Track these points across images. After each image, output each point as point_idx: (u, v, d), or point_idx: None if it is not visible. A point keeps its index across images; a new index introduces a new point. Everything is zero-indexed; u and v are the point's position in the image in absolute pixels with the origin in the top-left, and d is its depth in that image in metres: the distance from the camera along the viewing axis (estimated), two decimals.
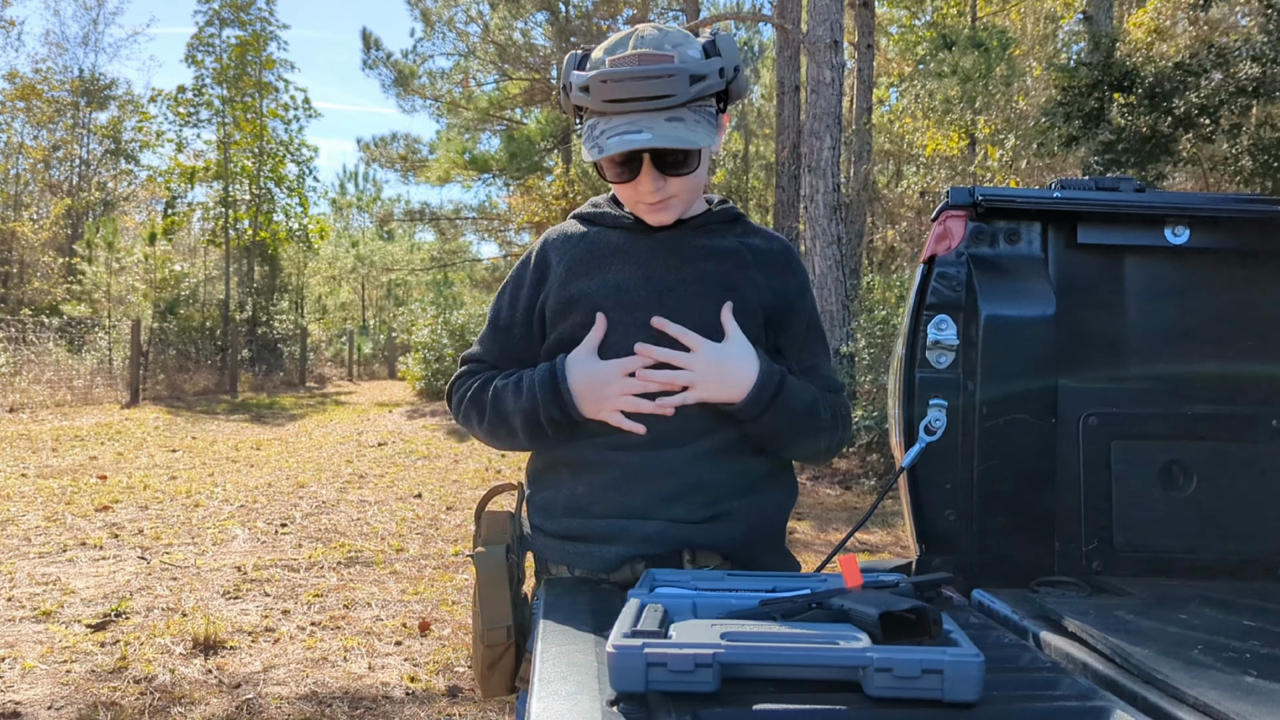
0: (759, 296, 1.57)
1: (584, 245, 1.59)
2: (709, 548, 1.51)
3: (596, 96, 1.43)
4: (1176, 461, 1.68)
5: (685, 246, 1.56)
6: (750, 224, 1.65)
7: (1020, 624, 1.38)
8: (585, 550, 1.52)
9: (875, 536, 6.85)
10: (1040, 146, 11.47)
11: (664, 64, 1.43)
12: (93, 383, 16.87)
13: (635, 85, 1.41)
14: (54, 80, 30.72)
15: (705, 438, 1.51)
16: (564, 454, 1.56)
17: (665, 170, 1.48)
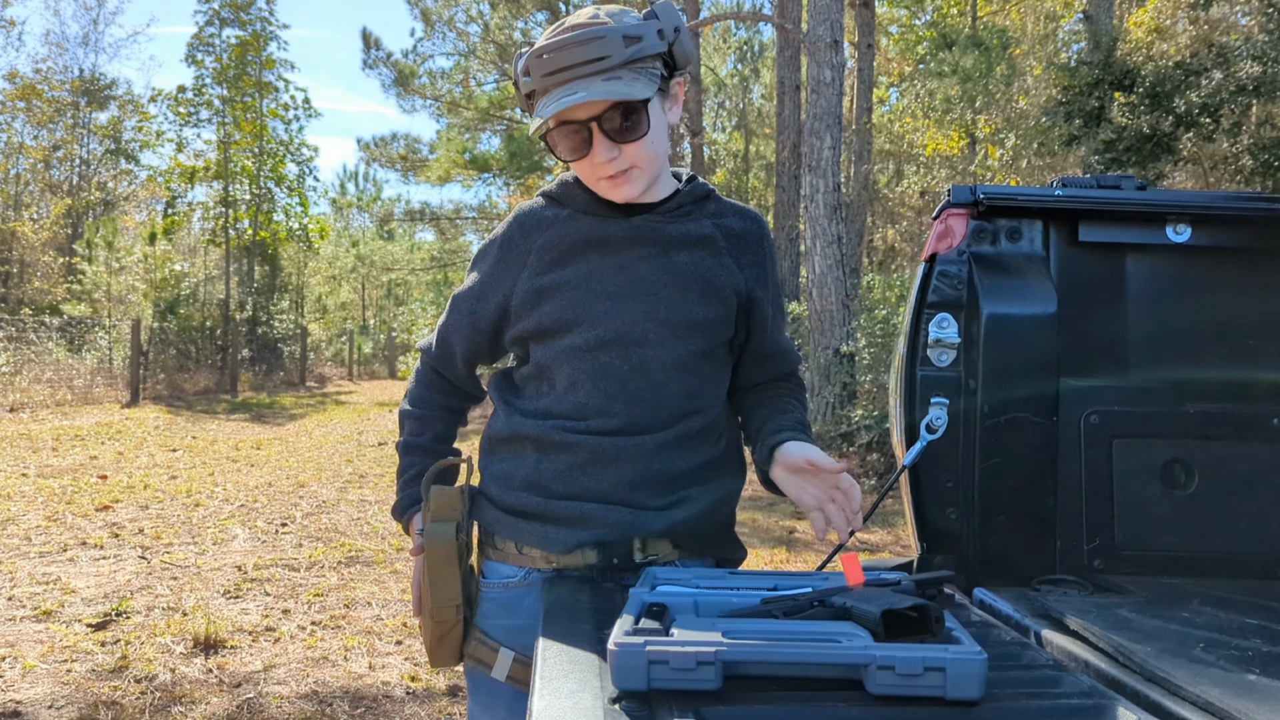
0: (734, 283, 1.57)
1: (555, 232, 1.56)
2: (663, 536, 1.53)
3: (537, 73, 1.43)
4: (1178, 460, 1.68)
5: (659, 234, 1.54)
6: (722, 201, 1.64)
7: (1022, 622, 1.38)
8: (540, 530, 1.51)
9: (876, 536, 6.85)
10: (1041, 146, 11.47)
11: (596, 28, 1.42)
12: (93, 382, 16.88)
13: (568, 53, 1.40)
14: (54, 80, 30.73)
15: (672, 426, 1.52)
16: (531, 429, 1.54)
17: (616, 138, 1.45)
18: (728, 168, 27.54)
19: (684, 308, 1.52)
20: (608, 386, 1.50)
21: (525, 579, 1.54)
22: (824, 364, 10.45)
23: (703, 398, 1.56)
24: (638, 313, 1.50)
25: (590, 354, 1.50)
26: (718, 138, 28.47)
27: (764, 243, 1.64)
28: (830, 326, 10.45)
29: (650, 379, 1.51)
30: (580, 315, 1.51)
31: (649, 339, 1.51)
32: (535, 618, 1.50)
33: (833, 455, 9.96)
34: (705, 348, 1.55)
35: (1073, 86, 10.22)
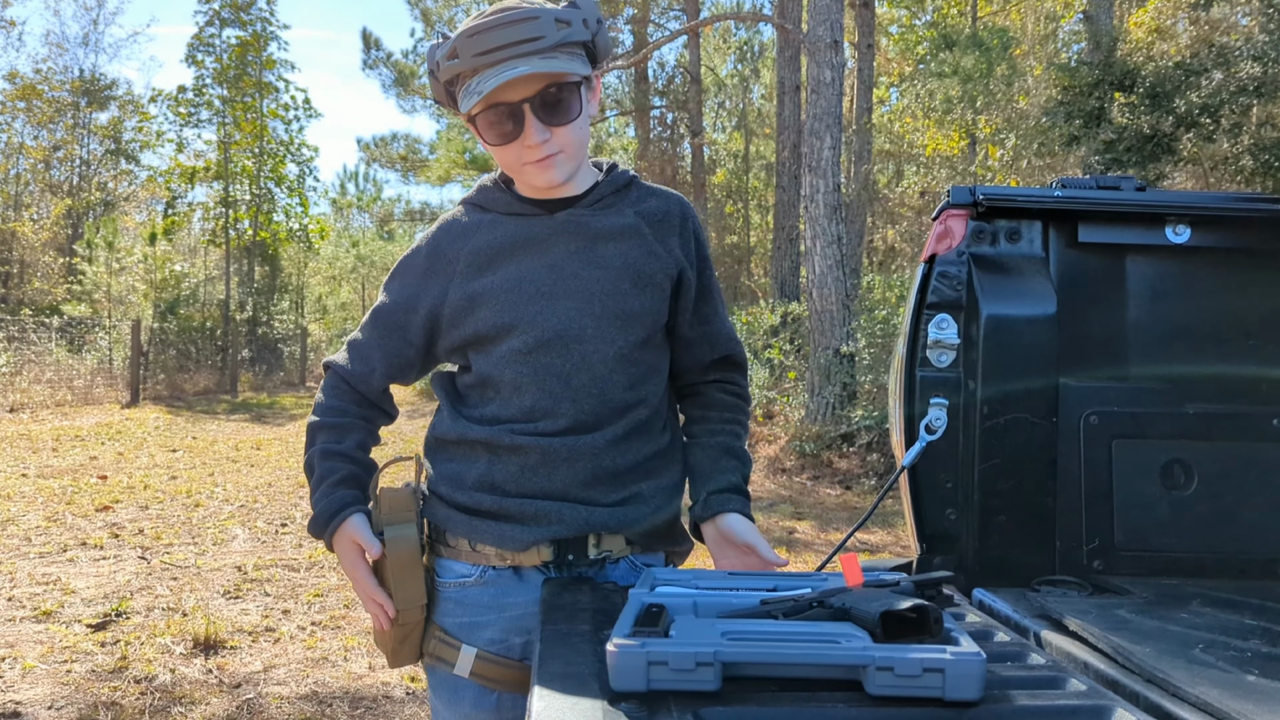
0: (664, 267, 1.57)
1: (482, 237, 1.56)
2: (617, 532, 1.53)
3: (466, 53, 1.42)
4: (1178, 461, 1.68)
5: (585, 228, 1.54)
6: (644, 185, 1.64)
7: (1021, 623, 1.38)
8: (495, 528, 1.51)
9: (875, 536, 6.86)
10: (1041, 146, 11.47)
11: (528, 9, 1.43)
12: (93, 383, 16.88)
13: (503, 32, 1.40)
14: (54, 80, 30.73)
15: (620, 419, 1.53)
16: (480, 434, 1.53)
17: (548, 120, 1.45)
18: (728, 168, 27.54)
19: (617, 300, 1.52)
20: (552, 387, 1.50)
21: (480, 577, 1.54)
22: (824, 364, 10.45)
23: (645, 387, 1.56)
24: (573, 310, 1.51)
25: (531, 356, 1.50)
26: (718, 138, 28.47)
27: (686, 222, 1.62)
28: (830, 326, 10.46)
29: (593, 374, 1.51)
30: (515, 319, 1.51)
31: (587, 335, 1.51)
32: (491, 614, 1.53)
33: (832, 456, 9.96)
34: (643, 337, 1.55)
35: (1073, 87, 10.23)
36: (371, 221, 44.37)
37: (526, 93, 1.44)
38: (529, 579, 1.53)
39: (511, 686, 1.54)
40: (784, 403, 11.46)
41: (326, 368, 1.67)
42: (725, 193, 27.10)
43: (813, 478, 9.62)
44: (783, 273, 16.58)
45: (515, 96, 1.44)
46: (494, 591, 1.53)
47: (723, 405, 1.70)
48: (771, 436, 10.91)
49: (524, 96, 1.44)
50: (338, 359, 1.65)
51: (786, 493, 8.93)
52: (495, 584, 1.53)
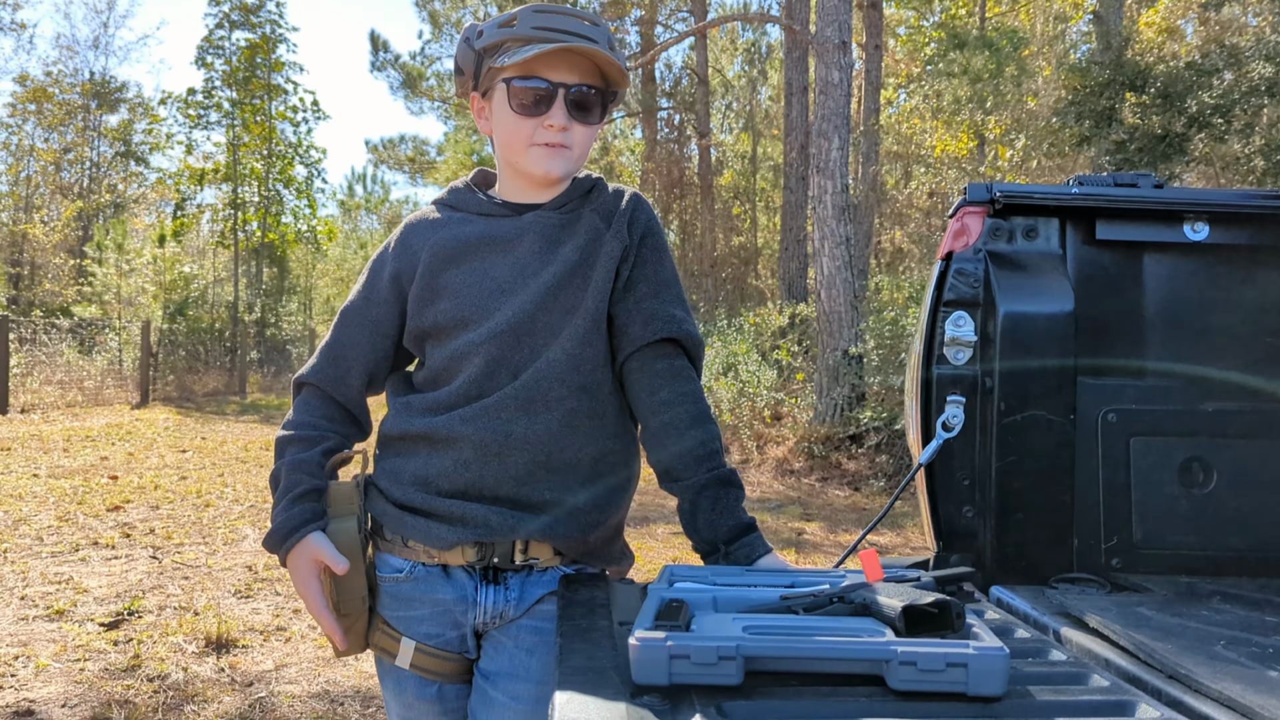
0: (609, 254, 1.57)
1: (449, 232, 1.60)
2: (544, 540, 1.53)
3: (526, 23, 1.50)
4: (1196, 458, 1.67)
5: (548, 229, 1.58)
6: (606, 186, 1.67)
7: (1041, 620, 1.37)
8: (424, 525, 1.52)
9: (885, 538, 6.84)
10: (1051, 146, 11.45)
11: (592, 19, 1.54)
12: (103, 384, 16.94)
13: (569, 20, 1.51)
14: (65, 83, 30.87)
15: (558, 410, 1.52)
16: (420, 426, 1.55)
17: (575, 113, 1.53)
18: (735, 169, 27.52)
19: (569, 294, 1.54)
20: (497, 374, 1.52)
21: (411, 573, 1.56)
22: (832, 365, 10.44)
23: (588, 368, 1.54)
24: (527, 303, 1.53)
25: (483, 346, 1.52)
26: (725, 139, 28.47)
27: (637, 210, 1.63)
28: (838, 328, 10.45)
29: (538, 363, 1.52)
30: (473, 312, 1.54)
31: (537, 327, 1.53)
32: (425, 608, 1.55)
33: (840, 457, 9.94)
34: (588, 325, 1.55)
35: (1084, 87, 10.20)
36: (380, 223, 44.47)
37: (568, 79, 1.52)
38: (456, 576, 1.55)
39: (450, 678, 1.58)
40: (792, 404, 11.45)
41: (298, 386, 1.67)
42: (732, 194, 27.08)
43: (821, 479, 9.61)
44: (790, 274, 16.56)
45: (556, 76, 1.52)
46: (424, 587, 1.55)
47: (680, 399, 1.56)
48: (780, 438, 10.90)
49: (562, 81, 1.52)
50: (307, 371, 1.65)
51: (795, 494, 8.91)
52: (425, 580, 1.55)
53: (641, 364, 1.57)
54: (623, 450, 1.60)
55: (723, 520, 1.50)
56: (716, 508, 1.51)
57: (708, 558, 1.51)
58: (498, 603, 1.55)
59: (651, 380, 1.56)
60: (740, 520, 1.51)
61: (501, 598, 1.55)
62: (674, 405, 1.54)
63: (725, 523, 1.50)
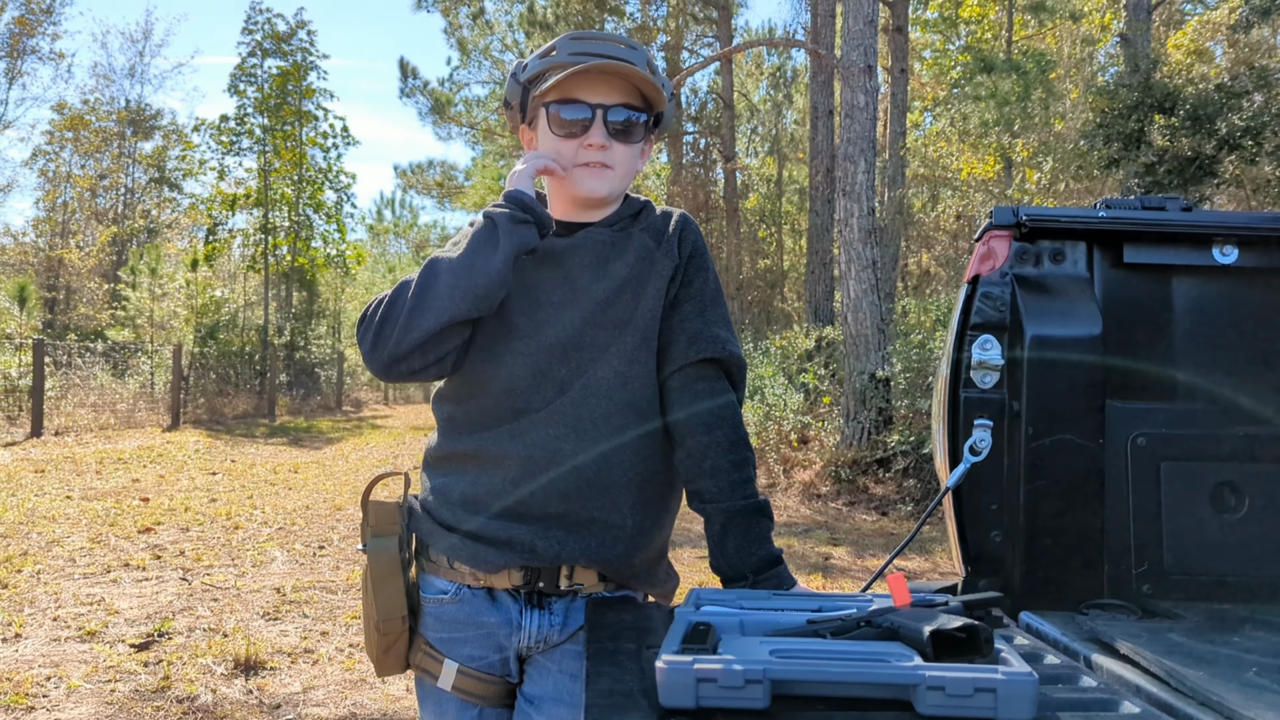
0: (660, 273, 1.59)
1: None
2: (589, 565, 1.53)
3: (564, 50, 1.55)
4: (1228, 483, 1.66)
5: (599, 246, 1.59)
6: (654, 207, 1.69)
7: (1071, 646, 1.36)
8: (470, 548, 1.53)
9: (913, 563, 6.78)
10: (1079, 169, 11.39)
11: (630, 42, 1.58)
12: (135, 406, 17.13)
13: (606, 44, 1.55)
14: (101, 111, 31.46)
15: (605, 425, 1.52)
16: (468, 445, 1.55)
17: (615, 133, 1.56)
18: (760, 192, 27.57)
19: (618, 309, 1.55)
20: (545, 389, 1.52)
21: (456, 595, 1.57)
22: (859, 388, 10.39)
23: (636, 385, 1.54)
24: (577, 318, 1.54)
25: (529, 358, 1.53)
26: (750, 162, 28.53)
27: (686, 230, 1.65)
28: (865, 351, 10.41)
29: (586, 378, 1.52)
30: (522, 324, 1.54)
31: (585, 341, 1.53)
32: (469, 630, 1.56)
33: (868, 481, 9.87)
34: (637, 341, 1.55)
35: (1112, 109, 10.16)
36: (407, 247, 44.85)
37: (606, 100, 1.55)
38: (501, 600, 1.56)
39: (492, 701, 1.58)
40: (819, 427, 11.40)
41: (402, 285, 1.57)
42: (758, 217, 27.12)
43: (848, 503, 9.55)
44: (817, 297, 16.53)
45: (594, 99, 1.55)
46: (469, 610, 1.56)
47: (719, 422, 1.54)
48: (806, 461, 10.85)
49: (602, 102, 1.55)
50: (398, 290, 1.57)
51: (822, 518, 8.86)
52: (470, 603, 1.56)
53: (682, 383, 1.56)
54: (668, 470, 1.60)
55: (752, 550, 1.50)
56: (747, 536, 1.51)
57: (731, 584, 1.50)
58: (542, 627, 1.55)
59: (691, 400, 1.56)
60: (770, 552, 1.51)
61: (546, 622, 1.56)
62: (712, 427, 1.54)
63: (755, 552, 1.50)
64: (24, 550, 6.33)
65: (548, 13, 21.30)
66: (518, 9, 22.49)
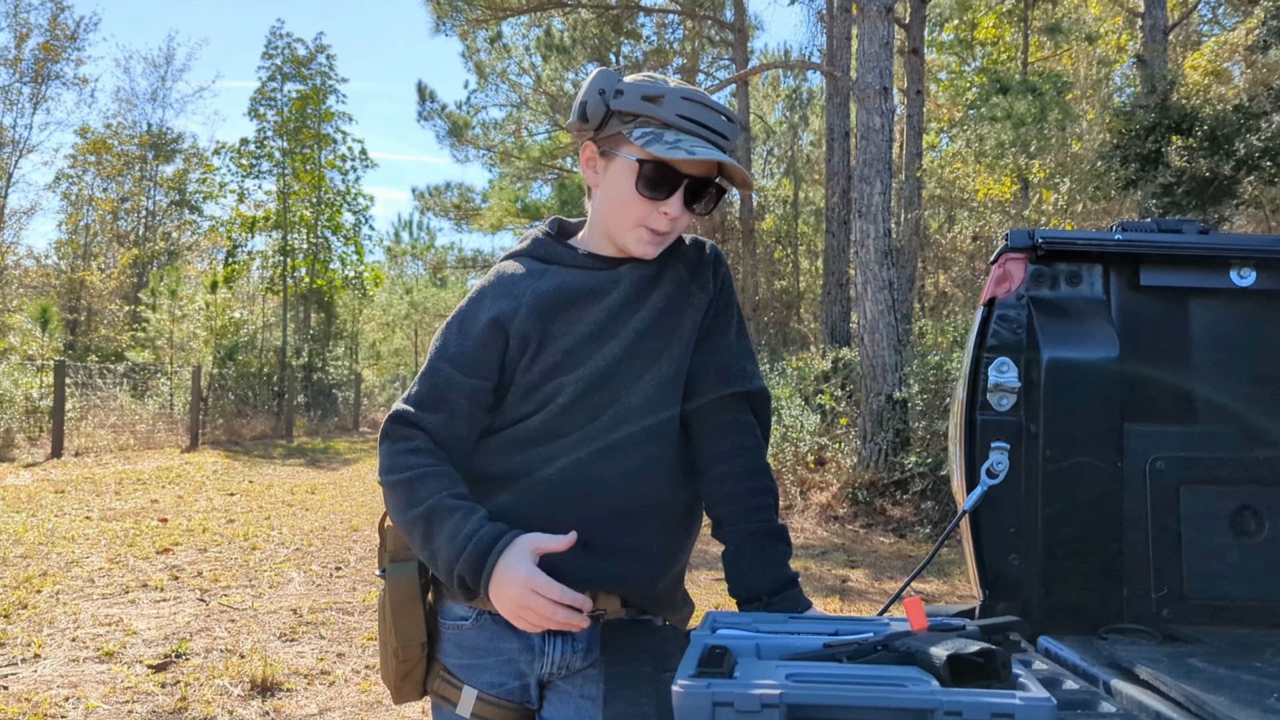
0: (695, 305, 1.61)
1: (549, 282, 1.57)
2: (614, 590, 1.52)
3: (670, 110, 1.49)
4: (1248, 507, 1.65)
5: (639, 279, 1.59)
6: (684, 238, 1.68)
7: (1090, 671, 1.35)
8: None
9: (931, 586, 6.74)
10: (1097, 190, 11.37)
11: (733, 119, 1.53)
12: (154, 427, 17.24)
13: (712, 115, 1.50)
14: (123, 135, 31.83)
15: (636, 452, 1.52)
16: (497, 468, 1.54)
17: (692, 205, 1.54)
18: (777, 213, 27.59)
19: (652, 340, 1.56)
20: (574, 411, 1.52)
21: (476, 621, 1.55)
22: (876, 410, 10.36)
23: (665, 413, 1.55)
24: (617, 349, 1.54)
25: (569, 388, 1.52)
26: (766, 184, 28.58)
27: (719, 263, 1.67)
28: (882, 372, 10.38)
29: (619, 406, 1.53)
30: (567, 359, 1.54)
31: (620, 369, 1.54)
32: (489, 657, 1.54)
33: (885, 503, 9.82)
34: (670, 371, 1.57)
35: (1129, 130, 10.14)
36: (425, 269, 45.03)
37: (697, 173, 1.52)
38: None
39: None
40: (836, 449, 11.36)
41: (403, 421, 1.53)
42: (774, 238, 27.13)
43: (866, 525, 9.49)
44: (833, 318, 16.51)
45: (687, 170, 1.52)
46: (489, 635, 1.54)
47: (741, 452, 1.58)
48: (823, 483, 10.80)
49: (693, 175, 1.52)
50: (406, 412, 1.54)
51: (839, 541, 8.82)
52: (490, 629, 1.54)
53: (707, 415, 1.59)
54: (692, 498, 1.61)
55: (768, 572, 1.50)
56: (763, 558, 1.51)
57: (746, 606, 1.50)
58: (565, 653, 1.54)
59: (715, 431, 1.58)
60: (785, 574, 1.51)
61: (569, 648, 1.55)
62: (734, 457, 1.56)
63: (770, 574, 1.50)
64: (43, 570, 6.37)
65: (565, 36, 21.46)
66: (535, 33, 22.65)
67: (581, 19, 20.16)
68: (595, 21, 20.15)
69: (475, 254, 34.87)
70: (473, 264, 34.21)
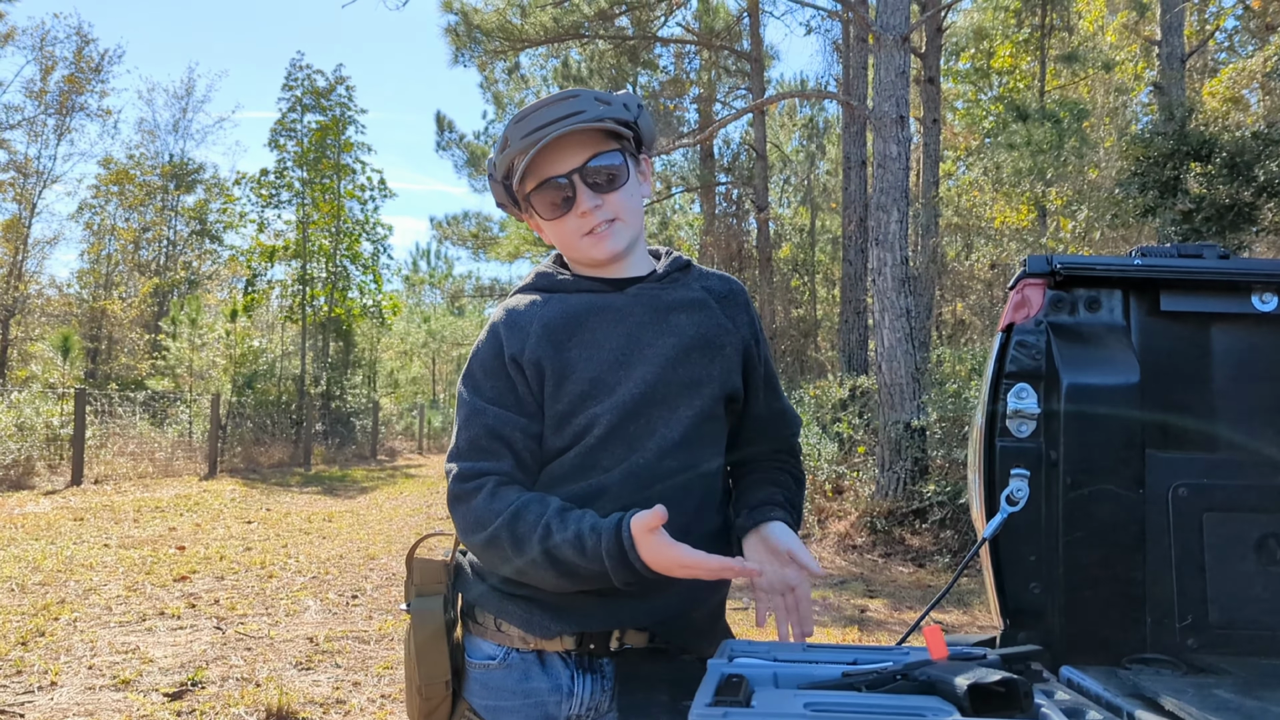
0: (733, 340, 1.60)
1: (554, 308, 1.54)
2: (644, 628, 1.50)
3: (515, 136, 1.50)
4: (1273, 535, 1.62)
5: (656, 300, 1.56)
6: (700, 269, 1.67)
7: (1113, 702, 1.33)
8: (523, 613, 1.49)
9: (951, 616, 6.66)
10: (1115, 217, 11.33)
11: (568, 91, 1.52)
12: (173, 455, 17.32)
13: (546, 111, 1.49)
14: (145, 165, 32.23)
15: (667, 482, 1.49)
16: None
17: (598, 188, 1.51)
18: (793, 242, 27.64)
19: (688, 367, 1.53)
20: (611, 443, 1.49)
21: (504, 660, 1.52)
22: (894, 438, 10.30)
23: (703, 455, 1.54)
24: (649, 375, 1.51)
25: (604, 419, 1.49)
26: (783, 213, 28.64)
27: (749, 305, 1.67)
28: (900, 400, 10.33)
29: (655, 438, 1.49)
30: (595, 388, 1.50)
31: (656, 397, 1.50)
32: (516, 699, 1.51)
33: (904, 532, 9.75)
34: (710, 403, 1.55)
35: (1147, 157, 10.12)
36: (443, 298, 45.32)
37: (574, 163, 1.50)
38: (551, 664, 1.52)
39: None
40: (854, 478, 11.29)
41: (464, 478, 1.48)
42: (791, 266, 27.17)
43: (884, 555, 9.42)
44: (850, 346, 16.48)
45: (564, 168, 1.50)
46: (517, 676, 1.51)
47: (783, 465, 1.70)
48: (841, 512, 10.73)
49: (572, 167, 1.50)
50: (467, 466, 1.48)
51: (858, 570, 8.75)
52: (518, 667, 1.51)
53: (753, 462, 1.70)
54: (728, 531, 1.60)
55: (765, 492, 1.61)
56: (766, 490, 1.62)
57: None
58: (595, 693, 1.52)
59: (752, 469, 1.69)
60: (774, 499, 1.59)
61: (598, 686, 1.52)
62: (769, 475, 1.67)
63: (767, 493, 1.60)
64: (61, 598, 6.38)
65: (582, 67, 21.63)
66: (553, 64, 22.85)
67: (599, 50, 20.32)
68: (613, 52, 20.31)
69: (493, 282, 35.05)
70: (490, 292, 34.38)
